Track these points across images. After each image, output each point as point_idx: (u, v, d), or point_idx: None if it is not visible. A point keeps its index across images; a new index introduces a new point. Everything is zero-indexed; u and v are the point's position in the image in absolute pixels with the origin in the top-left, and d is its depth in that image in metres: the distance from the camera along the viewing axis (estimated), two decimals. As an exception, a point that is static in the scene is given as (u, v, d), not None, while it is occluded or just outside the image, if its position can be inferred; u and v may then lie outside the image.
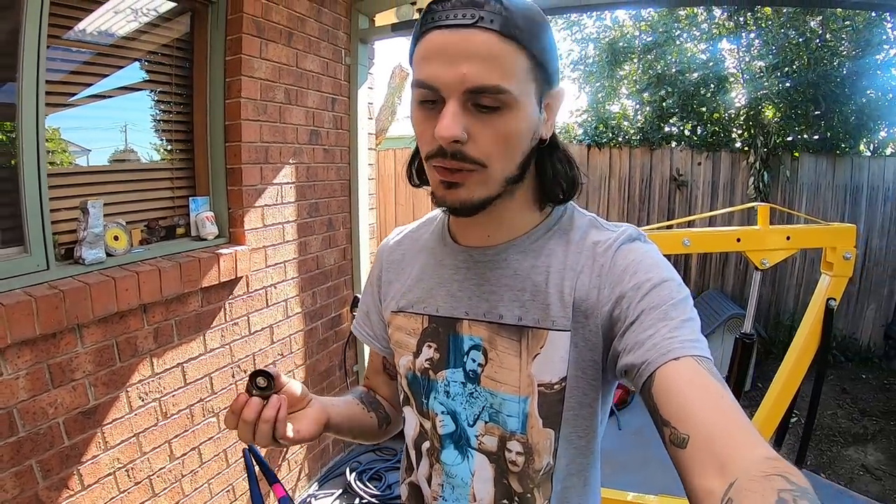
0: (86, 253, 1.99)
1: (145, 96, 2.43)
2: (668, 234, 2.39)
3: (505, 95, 0.71)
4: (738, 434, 0.58)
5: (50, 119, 2.04)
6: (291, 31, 2.75)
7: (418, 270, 0.98)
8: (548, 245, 0.87)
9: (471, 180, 0.76)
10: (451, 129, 0.71)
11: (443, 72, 0.70)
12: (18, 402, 1.71)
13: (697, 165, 5.23)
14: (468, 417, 0.90)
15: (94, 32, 2.15)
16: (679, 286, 0.77)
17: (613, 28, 8.15)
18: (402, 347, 0.98)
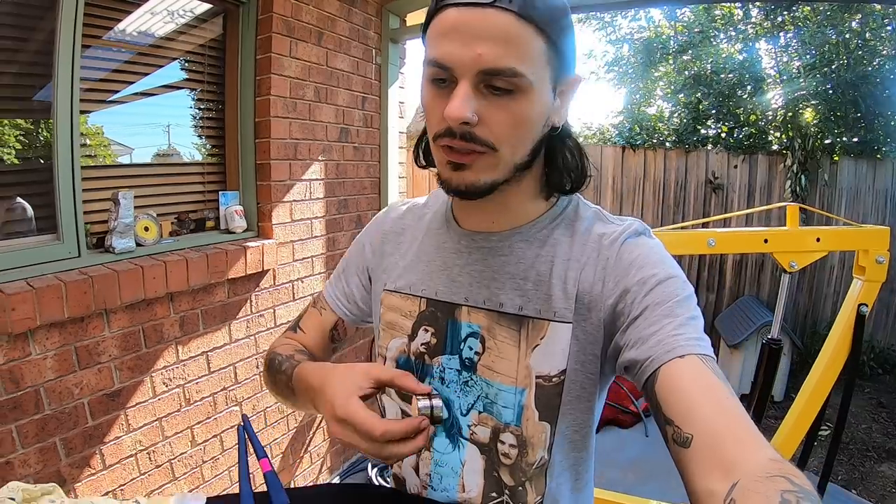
0: (116, 242, 2.08)
1: (180, 95, 2.53)
2: (693, 233, 2.36)
3: (519, 79, 0.69)
4: (742, 435, 0.58)
5: (93, 117, 2.19)
6: (321, 31, 2.81)
7: (418, 250, 0.97)
8: (553, 235, 0.86)
9: (479, 163, 0.75)
10: (461, 110, 0.69)
11: (457, 51, 0.69)
12: (45, 381, 1.81)
13: (733, 168, 5.12)
14: (461, 406, 0.89)
15: (133, 33, 2.25)
16: (684, 283, 0.76)
17: (648, 28, 8.03)
18: (394, 329, 0.96)
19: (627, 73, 8.17)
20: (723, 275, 5.24)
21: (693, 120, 6.27)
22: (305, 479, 3.06)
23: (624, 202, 5.49)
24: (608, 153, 5.58)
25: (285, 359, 0.96)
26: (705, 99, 6.21)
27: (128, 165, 2.35)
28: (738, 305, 4.94)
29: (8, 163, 1.90)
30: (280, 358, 0.98)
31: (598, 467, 3.25)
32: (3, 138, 1.89)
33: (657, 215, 5.36)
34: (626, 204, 5.48)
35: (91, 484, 1.96)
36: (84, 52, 2.05)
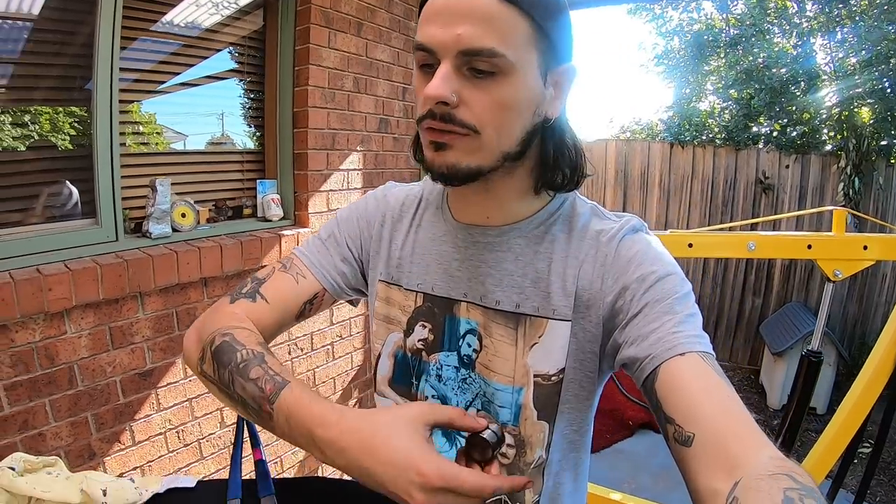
0: (152, 227, 2.17)
1: (223, 85, 2.61)
2: (733, 235, 2.29)
3: (499, 59, 0.68)
4: (745, 434, 0.58)
5: (145, 105, 2.30)
6: (361, 22, 2.83)
7: (413, 241, 0.94)
8: (550, 231, 0.84)
9: (460, 144, 0.73)
10: (438, 89, 0.69)
11: (439, 32, 0.69)
12: (79, 358, 1.90)
13: (785, 168, 4.91)
14: (459, 404, 0.87)
15: (179, 24, 2.35)
16: (682, 280, 0.75)
17: (699, 21, 7.79)
18: (391, 323, 0.94)
19: (678, 67, 7.95)
20: (770, 279, 5.07)
21: (744, 116, 6.06)
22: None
23: (671, 200, 5.36)
24: (655, 149, 5.45)
25: (254, 359, 0.75)
26: (757, 95, 5.99)
27: (169, 153, 2.44)
28: (785, 312, 4.77)
29: (62, 148, 2.01)
30: (244, 353, 0.77)
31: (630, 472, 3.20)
32: (57, 125, 1.99)
33: (704, 215, 5.23)
34: (673, 202, 5.35)
35: (120, 459, 2.05)
36: (131, 44, 2.15)
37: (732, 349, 5.38)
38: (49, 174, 2.01)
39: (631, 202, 5.61)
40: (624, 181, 5.62)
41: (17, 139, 1.93)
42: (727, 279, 5.25)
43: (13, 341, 1.73)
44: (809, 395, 2.34)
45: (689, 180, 5.28)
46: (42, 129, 1.97)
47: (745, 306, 5.21)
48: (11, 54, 1.90)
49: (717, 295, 5.31)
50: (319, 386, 2.94)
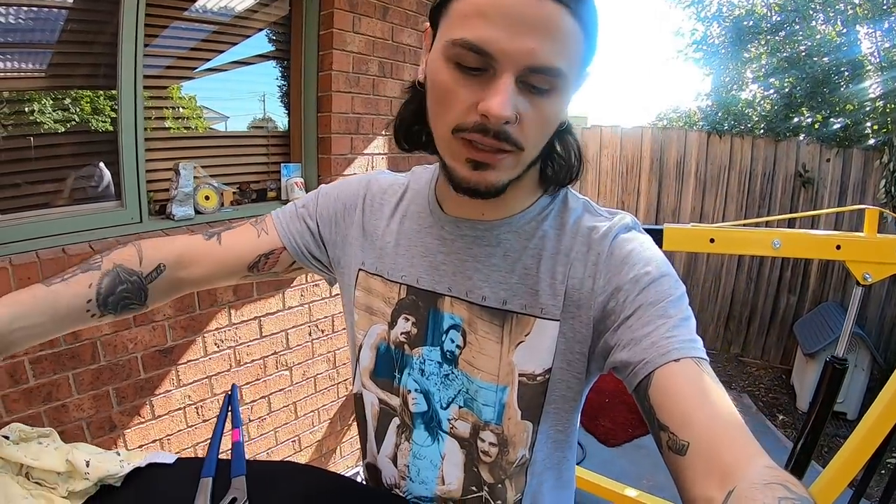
0: (175, 210, 2.24)
1: (250, 70, 2.67)
2: (757, 232, 2.22)
3: (561, 80, 0.65)
4: (740, 443, 0.57)
5: (185, 88, 2.41)
6: (386, 6, 2.84)
7: (398, 233, 0.92)
8: (541, 227, 0.83)
9: (503, 163, 0.70)
10: (505, 109, 0.63)
11: (504, 39, 0.61)
12: (102, 335, 1.99)
13: (826, 162, 4.73)
14: (441, 399, 0.87)
15: (210, 10, 2.41)
16: (676, 282, 0.74)
17: (739, 6, 7.54)
18: (374, 314, 0.93)
19: (717, 54, 7.74)
20: (807, 276, 4.93)
21: (785, 107, 5.86)
22: (352, 447, 3.20)
23: (707, 191, 5.25)
24: (692, 138, 5.33)
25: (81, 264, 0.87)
26: (798, 84, 5.80)
27: (196, 137, 2.50)
28: (820, 311, 4.64)
29: (84, 138, 2.09)
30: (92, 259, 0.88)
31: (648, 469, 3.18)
32: (79, 114, 2.07)
33: (741, 207, 5.10)
34: (710, 193, 5.24)
35: (140, 431, 2.15)
36: (163, 31, 2.23)
37: (765, 347, 5.28)
38: (78, 157, 2.10)
39: (666, 192, 5.52)
40: (659, 170, 5.52)
41: (58, 122, 2.02)
42: (762, 275, 5.14)
43: (38, 317, 1.82)
44: (832, 403, 2.28)
45: (727, 171, 5.16)
46: (72, 114, 2.05)
47: (780, 304, 5.09)
48: (48, 41, 1.99)
49: (751, 291, 5.20)
50: (340, 367, 3.00)
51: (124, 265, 0.88)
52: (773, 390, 4.86)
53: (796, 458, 2.27)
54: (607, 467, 3.25)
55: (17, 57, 1.94)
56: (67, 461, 0.82)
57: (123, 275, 0.87)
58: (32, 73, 1.98)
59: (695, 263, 5.39)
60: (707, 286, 5.39)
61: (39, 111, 1.96)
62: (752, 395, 4.77)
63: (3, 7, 1.84)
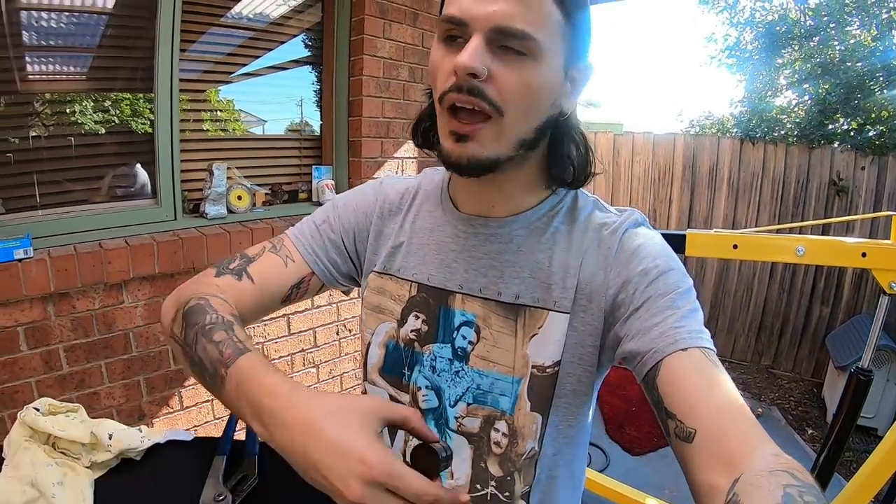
0: (209, 208, 2.29)
1: (286, 75, 2.73)
2: (780, 238, 2.17)
3: (531, 42, 0.67)
4: (746, 430, 0.57)
5: (222, 91, 2.47)
6: (416, 12, 2.87)
7: (410, 231, 0.93)
8: (553, 223, 0.84)
9: (483, 133, 0.72)
10: (471, 60, 0.67)
11: (473, 6, 0.67)
12: (135, 326, 2.05)
13: (860, 170, 4.57)
14: (451, 396, 0.86)
15: (247, 17, 2.48)
16: (684, 275, 0.75)
17: (772, 11, 7.37)
18: (382, 312, 0.92)
19: (749, 60, 7.57)
20: (840, 288, 4.76)
21: (819, 113, 5.69)
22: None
23: (739, 199, 5.12)
24: (725, 145, 5.20)
25: (221, 324, 0.73)
26: (833, 90, 5.62)
27: (231, 139, 2.55)
28: (853, 324, 4.47)
29: (121, 138, 2.15)
30: (213, 317, 0.75)
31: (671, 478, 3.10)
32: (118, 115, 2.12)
33: (774, 216, 4.96)
34: (742, 201, 5.11)
35: (168, 421, 2.19)
36: (200, 37, 2.30)
37: (796, 360, 5.12)
38: (117, 157, 2.17)
39: (698, 199, 5.41)
40: (691, 177, 5.41)
41: (98, 123, 2.08)
42: (795, 285, 4.99)
43: (74, 308, 1.89)
44: (856, 416, 2.20)
45: (759, 179, 5.02)
46: (111, 115, 2.11)
47: (813, 315, 4.93)
48: (90, 45, 2.06)
49: (783, 301, 5.05)
50: (366, 367, 3.01)
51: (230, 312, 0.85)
52: (803, 403, 4.71)
53: (819, 471, 2.20)
54: (630, 476, 3.19)
55: (60, 60, 2.02)
56: (92, 433, 0.86)
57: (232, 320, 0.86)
58: (74, 75, 2.06)
59: (726, 273, 5.27)
60: (739, 296, 5.26)
61: (81, 112, 2.03)
62: (782, 408, 4.62)
63: (48, 12, 1.91)
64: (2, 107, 1.89)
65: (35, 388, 1.85)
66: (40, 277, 1.76)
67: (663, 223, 5.62)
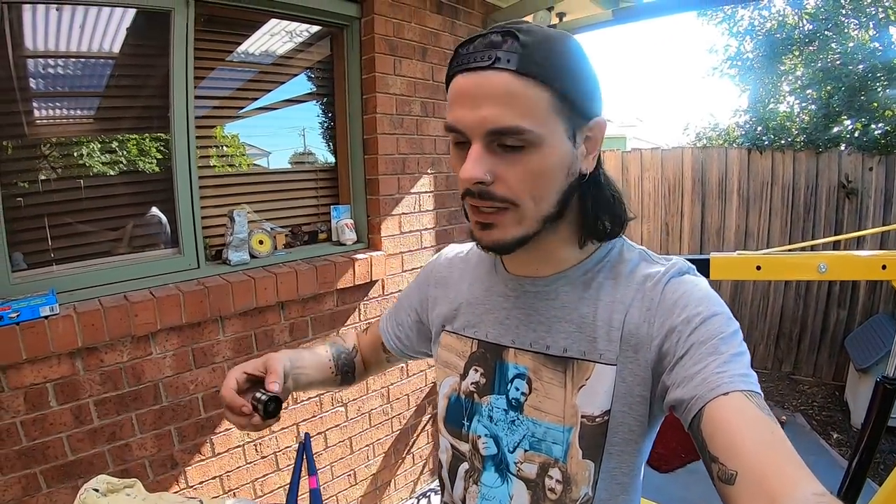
0: (232, 255, 2.23)
1: (295, 114, 2.68)
2: (802, 257, 2.10)
3: (527, 135, 0.69)
4: (787, 470, 0.56)
5: (228, 127, 2.41)
6: (425, 47, 2.82)
7: (469, 294, 0.98)
8: (597, 278, 0.85)
9: (503, 220, 0.76)
10: (472, 171, 0.71)
11: (466, 115, 0.71)
12: (164, 377, 1.97)
13: (868, 171, 4.47)
14: (508, 444, 0.88)
15: (252, 55, 2.43)
16: (728, 319, 0.73)
17: (770, 19, 7.33)
18: (449, 367, 0.98)
19: (752, 68, 7.53)
20: (856, 290, 4.64)
21: (824, 117, 5.61)
22: (406, 480, 3.10)
23: (750, 208, 5.03)
24: (732, 156, 5.14)
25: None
26: (836, 93, 5.54)
27: (246, 183, 2.49)
28: (871, 325, 4.36)
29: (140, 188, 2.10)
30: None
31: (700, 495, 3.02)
32: (136, 164, 2.08)
33: (786, 223, 4.87)
34: (753, 210, 5.02)
35: (200, 469, 2.11)
36: (209, 73, 2.25)
37: (816, 364, 4.99)
38: (135, 206, 2.11)
39: (709, 212, 5.33)
40: (702, 190, 5.34)
41: (119, 173, 2.03)
42: (811, 290, 4.88)
43: (102, 361, 1.82)
44: (884, 423, 2.12)
45: (769, 187, 4.94)
46: (129, 163, 2.06)
47: (830, 319, 4.81)
48: (98, 88, 2.02)
49: (800, 307, 4.94)
50: (393, 402, 2.93)
51: (338, 342, 1.19)
52: (826, 408, 4.58)
53: (852, 477, 2.14)
54: (660, 493, 3.09)
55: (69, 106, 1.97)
56: None
57: (341, 346, 1.18)
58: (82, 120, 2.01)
59: (742, 283, 5.17)
60: (755, 305, 5.15)
61: (97, 160, 1.98)
62: (806, 413, 4.51)
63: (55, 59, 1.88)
64: (15, 159, 1.84)
65: (66, 442, 1.78)
66: (67, 334, 1.69)
67: (676, 237, 5.56)
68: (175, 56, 2.00)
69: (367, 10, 2.56)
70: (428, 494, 3.19)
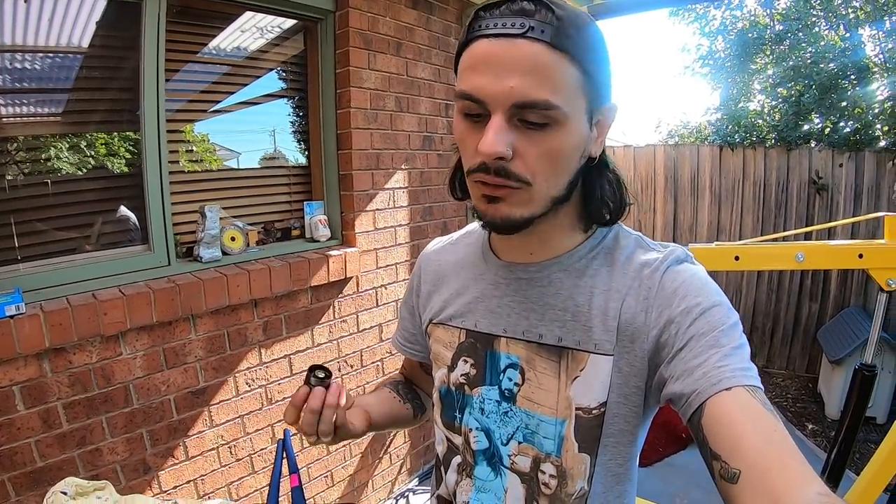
0: (203, 252, 2.20)
1: (267, 110, 2.65)
2: (780, 247, 2.17)
3: (553, 111, 0.66)
4: (791, 469, 0.55)
5: (198, 126, 2.36)
6: (400, 42, 2.82)
7: (457, 284, 0.96)
8: (592, 265, 0.83)
9: (513, 197, 0.72)
10: (495, 146, 0.67)
11: (489, 84, 0.66)
12: (134, 378, 1.94)
13: (838, 167, 4.61)
14: (502, 436, 0.87)
15: (223, 50, 2.40)
16: (729, 311, 0.73)
17: (742, 19, 7.50)
18: (437, 360, 0.97)
19: (723, 67, 7.70)
20: (827, 283, 4.78)
21: (794, 115, 5.77)
22: (384, 480, 3.10)
23: (722, 205, 5.14)
24: (705, 153, 5.24)
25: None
26: (806, 91, 5.70)
27: (217, 178, 2.46)
28: (843, 317, 4.49)
29: (110, 184, 2.06)
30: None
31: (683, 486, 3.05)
32: (104, 160, 2.04)
33: (757, 219, 4.99)
34: (725, 207, 5.13)
35: (174, 473, 2.08)
36: (180, 69, 2.21)
37: (789, 357, 5.12)
38: (104, 203, 2.06)
39: (682, 208, 5.42)
40: (674, 187, 5.44)
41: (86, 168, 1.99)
42: (783, 284, 5.00)
43: (71, 363, 1.78)
44: (863, 410, 2.20)
45: (741, 183, 5.05)
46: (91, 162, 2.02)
47: (802, 312, 4.94)
48: (65, 84, 1.96)
49: (772, 301, 5.05)
50: (369, 400, 2.92)
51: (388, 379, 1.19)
52: (800, 400, 4.70)
53: (831, 467, 2.21)
54: (640, 488, 3.12)
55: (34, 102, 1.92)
56: None
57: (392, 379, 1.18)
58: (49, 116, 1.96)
59: (714, 278, 5.26)
60: (728, 298, 5.27)
61: (64, 156, 1.94)
62: (780, 406, 4.62)
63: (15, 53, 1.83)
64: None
65: (35, 447, 1.73)
66: (34, 334, 1.65)
67: (649, 234, 5.60)
68: (146, 48, 1.97)
69: (342, 3, 2.55)
70: (406, 494, 3.19)
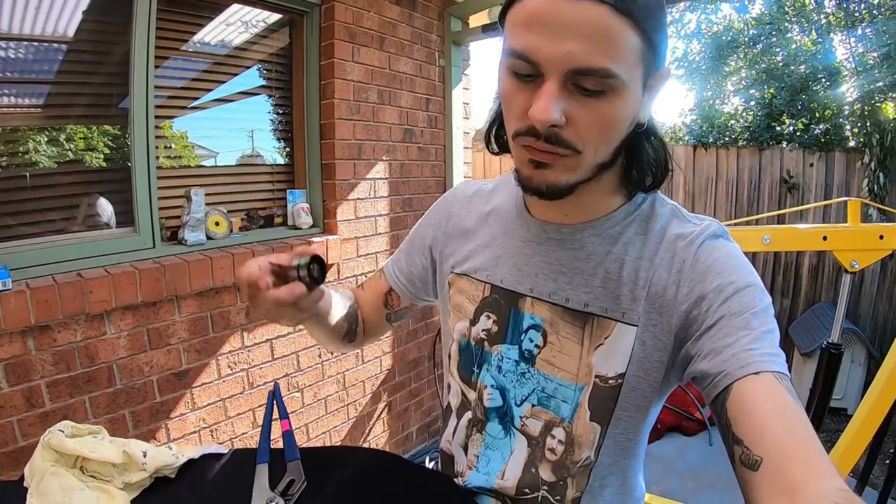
0: (188, 235, 2.23)
1: (252, 101, 2.70)
2: (747, 230, 2.25)
3: (612, 80, 0.62)
4: (812, 461, 0.55)
5: (176, 122, 2.38)
6: (383, 36, 2.89)
7: (486, 235, 0.93)
8: (626, 232, 0.80)
9: (561, 163, 0.69)
10: (548, 113, 0.63)
11: (545, 45, 0.61)
12: (118, 358, 1.97)
13: (809, 167, 4.77)
14: (516, 397, 0.87)
15: (209, 43, 2.43)
16: (762, 292, 0.70)
17: (717, 22, 7.70)
18: (459, 312, 0.94)
19: (698, 70, 7.88)
20: (798, 279, 4.92)
21: (766, 116, 5.95)
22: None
23: (696, 203, 5.26)
24: (679, 152, 5.34)
25: None
26: (778, 94, 5.88)
27: (203, 167, 2.50)
28: (814, 312, 4.63)
29: (96, 165, 2.09)
30: None
31: (658, 475, 3.13)
32: (92, 143, 2.07)
33: (730, 216, 5.10)
34: (699, 204, 5.25)
35: (158, 455, 2.10)
36: (164, 62, 2.23)
37: (761, 353, 5.25)
38: (87, 186, 2.10)
39: (655, 206, 5.54)
40: (648, 185, 5.56)
41: (55, 155, 2.01)
42: (755, 280, 5.14)
43: (55, 341, 1.81)
44: (831, 389, 2.29)
45: (714, 182, 5.18)
46: (78, 145, 2.05)
47: (774, 308, 5.08)
48: (49, 75, 1.99)
49: (744, 296, 5.19)
50: (349, 389, 2.97)
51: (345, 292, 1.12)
52: (771, 393, 4.81)
53: None
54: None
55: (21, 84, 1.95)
56: (125, 452, 0.82)
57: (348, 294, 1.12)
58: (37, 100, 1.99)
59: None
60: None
61: (52, 138, 1.97)
62: (753, 400, 4.72)
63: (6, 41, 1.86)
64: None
65: (17, 426, 1.75)
66: (20, 310, 1.68)
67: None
68: (137, 36, 2.01)
69: (328, -4, 2.60)
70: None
